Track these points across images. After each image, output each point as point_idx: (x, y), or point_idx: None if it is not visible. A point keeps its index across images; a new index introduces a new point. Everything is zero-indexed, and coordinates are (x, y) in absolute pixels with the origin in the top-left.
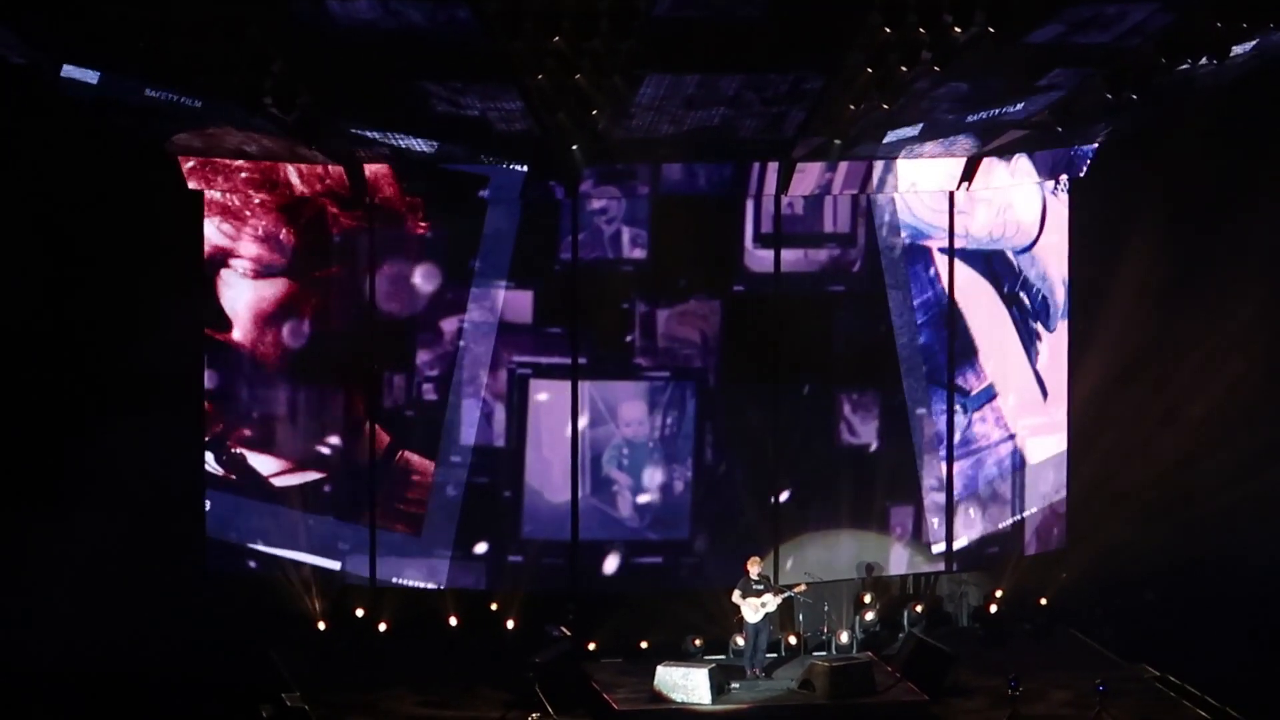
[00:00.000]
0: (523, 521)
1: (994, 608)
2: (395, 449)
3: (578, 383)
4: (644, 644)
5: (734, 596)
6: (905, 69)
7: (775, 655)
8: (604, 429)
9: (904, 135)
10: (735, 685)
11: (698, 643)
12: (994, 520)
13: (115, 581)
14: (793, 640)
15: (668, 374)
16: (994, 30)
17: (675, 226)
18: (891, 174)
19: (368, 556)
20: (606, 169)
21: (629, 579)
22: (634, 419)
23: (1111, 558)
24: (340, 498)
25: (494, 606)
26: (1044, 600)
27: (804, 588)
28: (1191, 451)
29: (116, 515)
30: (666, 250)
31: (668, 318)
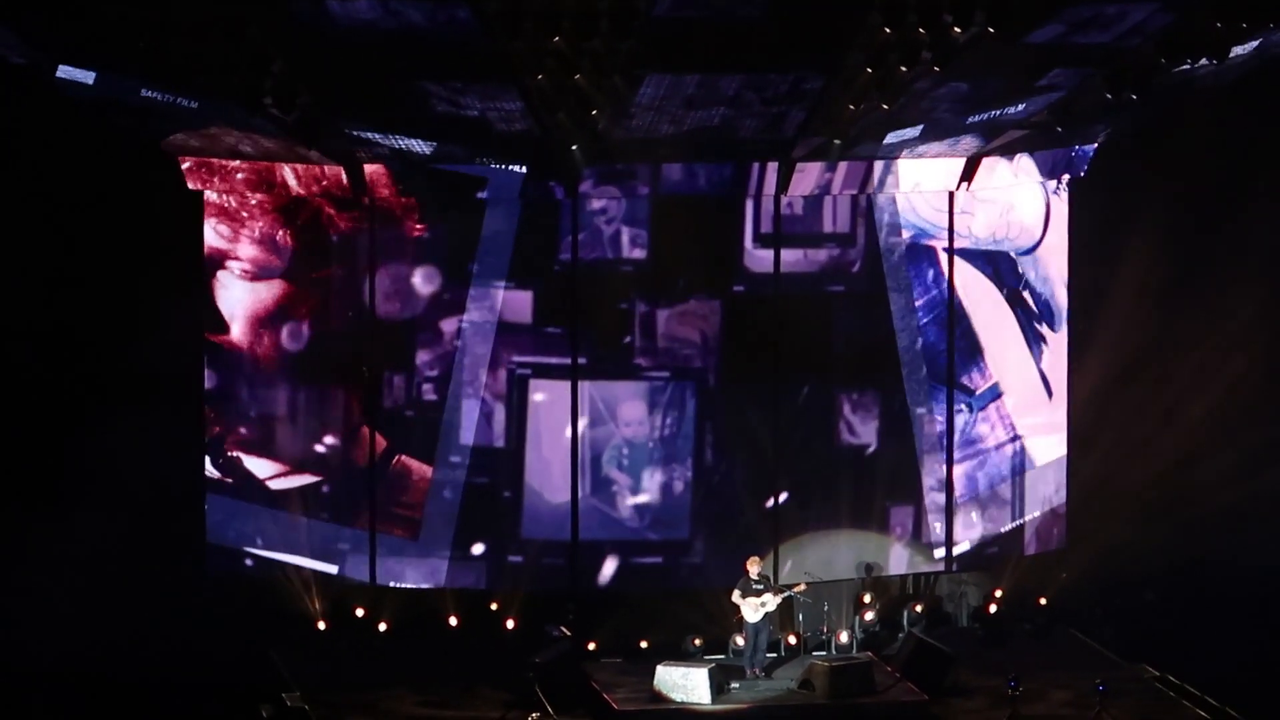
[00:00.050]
0: (522, 522)
1: (994, 608)
2: (392, 453)
3: (577, 383)
4: (644, 644)
5: (734, 596)
6: (905, 69)
7: (775, 655)
8: (604, 429)
9: (904, 136)
10: (735, 685)
11: (697, 642)
12: (997, 522)
13: (115, 581)
14: (792, 640)
15: (667, 374)
16: (994, 30)
17: (675, 226)
18: (891, 174)
19: (365, 559)
20: (606, 169)
21: (629, 579)
22: (634, 419)
23: (1111, 558)
24: (337, 501)
25: (494, 606)
26: (1044, 600)
27: (804, 587)
28: (1191, 451)
29: (116, 515)
30: (666, 250)
31: (668, 318)
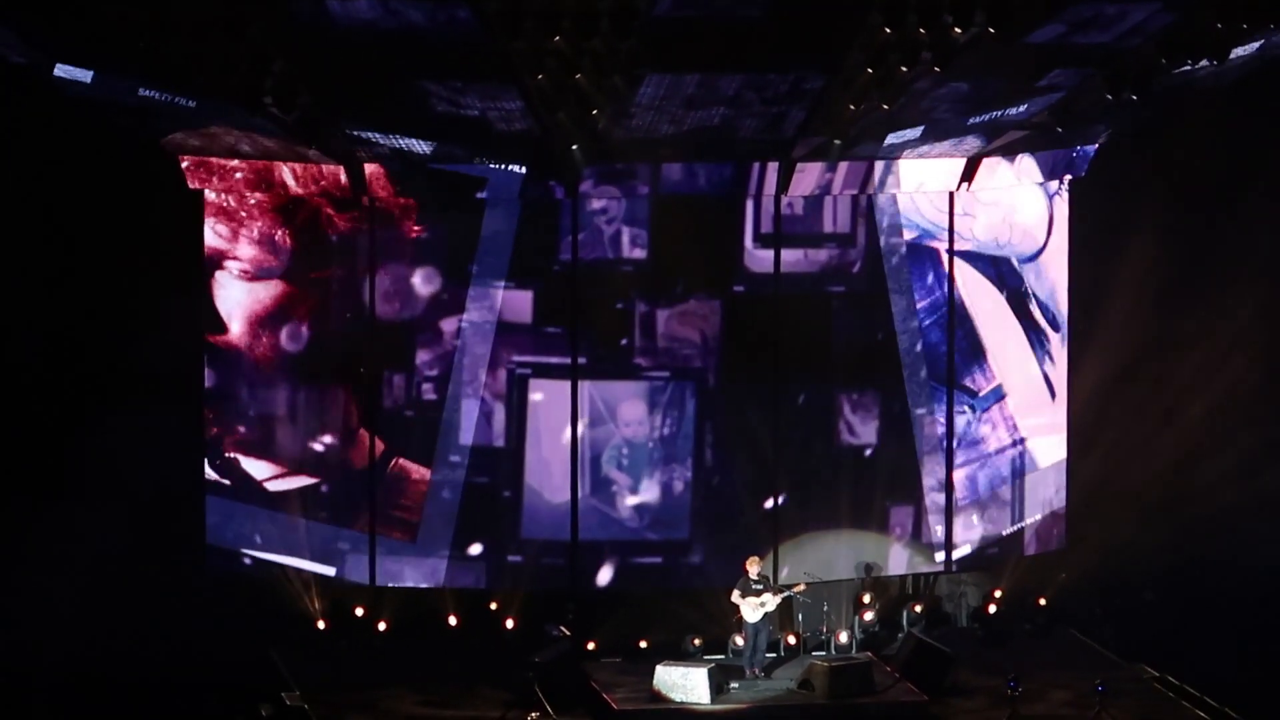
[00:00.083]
0: (522, 522)
1: (993, 608)
2: (390, 456)
3: (577, 382)
4: (643, 644)
5: (733, 596)
6: (905, 69)
7: (775, 655)
8: (603, 429)
9: (905, 137)
10: (734, 685)
11: (697, 642)
12: (999, 525)
13: (115, 581)
14: (792, 640)
15: (667, 374)
16: (994, 30)
17: (675, 226)
18: (892, 174)
19: (363, 562)
20: (606, 169)
21: (629, 579)
22: (634, 419)
23: (1111, 558)
24: (334, 503)
25: (494, 606)
26: (1043, 600)
27: (803, 587)
28: (1191, 451)
29: (116, 515)
30: (666, 250)
31: (668, 318)
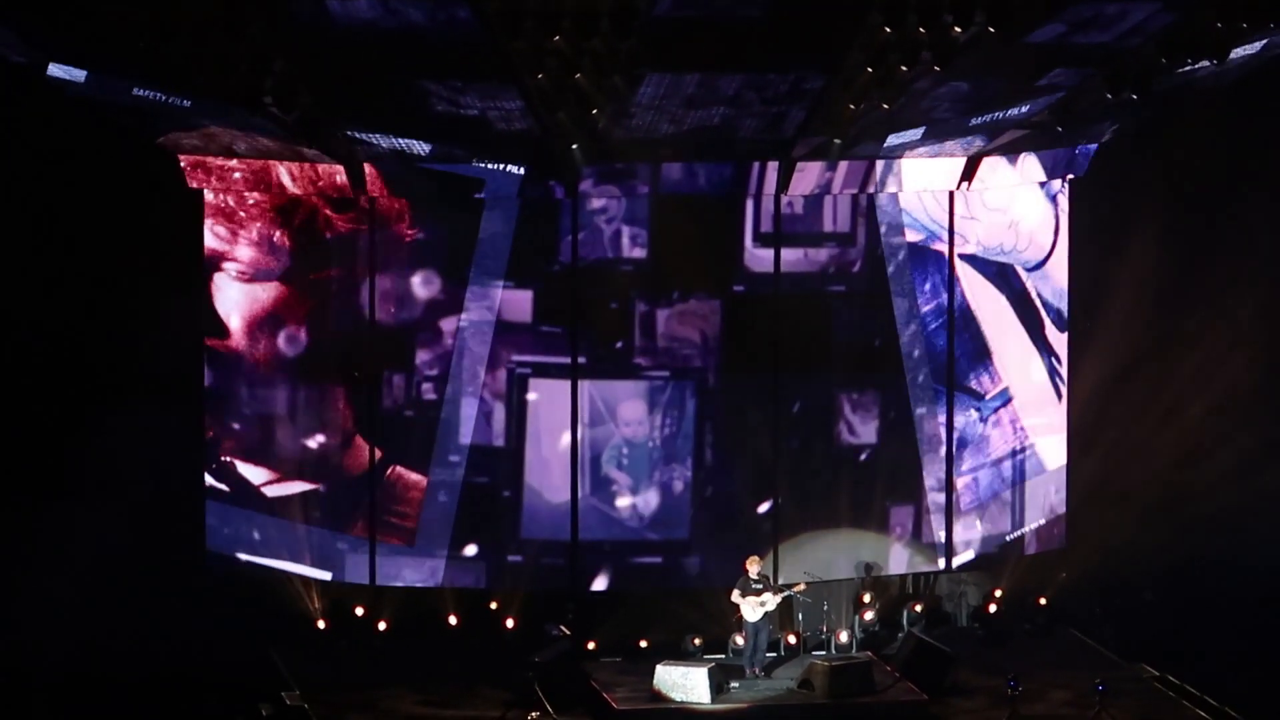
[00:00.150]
0: (522, 521)
1: (993, 607)
2: (387, 462)
3: (577, 382)
4: (643, 643)
5: (733, 596)
6: (905, 69)
7: (775, 654)
8: (603, 429)
9: (906, 139)
10: (735, 684)
11: (697, 642)
12: (1003, 527)
13: (115, 581)
14: (792, 639)
15: (667, 374)
16: (994, 30)
17: (675, 226)
18: (892, 173)
19: (360, 562)
20: (606, 168)
21: (629, 579)
22: (633, 419)
23: (1111, 558)
24: (331, 507)
25: (494, 606)
26: (1043, 600)
27: (803, 587)
28: (1191, 451)
29: (117, 515)
30: (666, 250)
31: (667, 317)
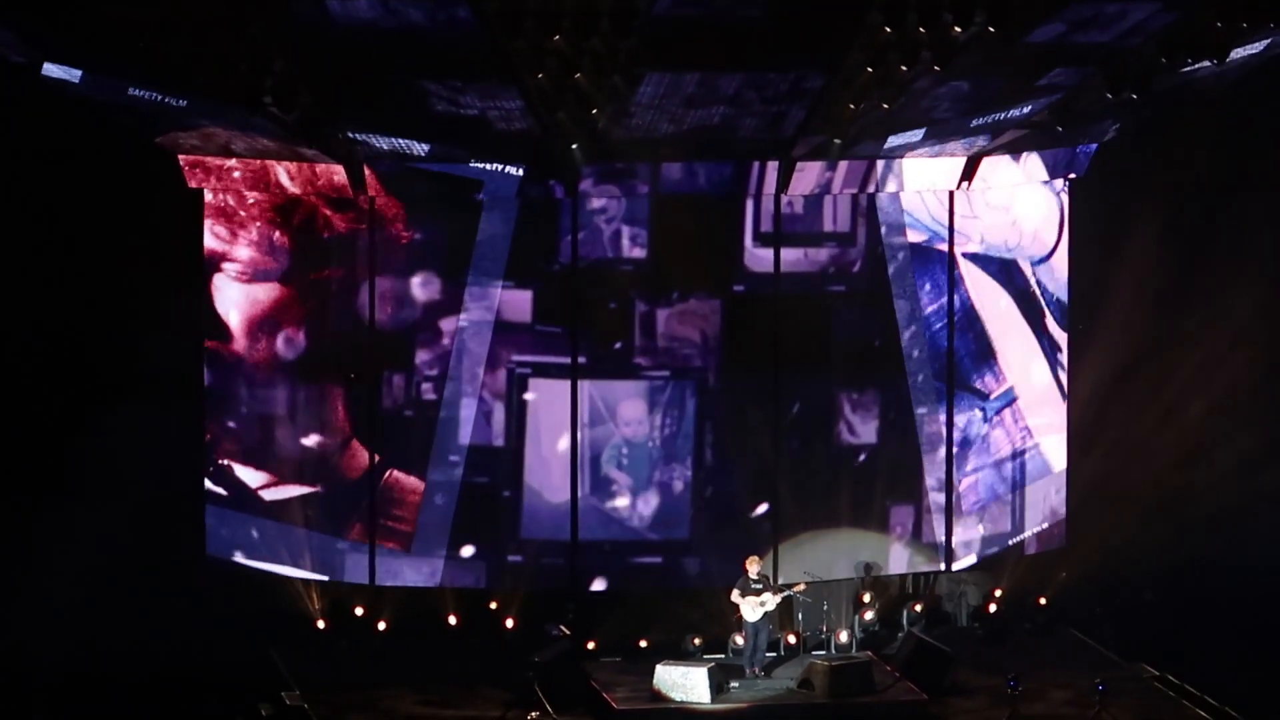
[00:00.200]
0: (522, 521)
1: (993, 607)
2: (385, 466)
3: (577, 382)
4: (643, 643)
5: (733, 595)
6: (905, 68)
7: (775, 654)
8: (603, 428)
9: (906, 140)
10: (734, 684)
11: (697, 642)
12: (1005, 528)
13: (115, 581)
14: (792, 639)
15: (667, 373)
16: (994, 29)
17: (675, 226)
18: (892, 173)
19: (359, 562)
20: (606, 168)
21: (629, 579)
22: (633, 418)
23: (1111, 557)
24: (329, 511)
25: (494, 606)
26: (1043, 600)
27: (803, 587)
28: (1191, 451)
29: (116, 515)
30: (666, 249)
31: (667, 317)
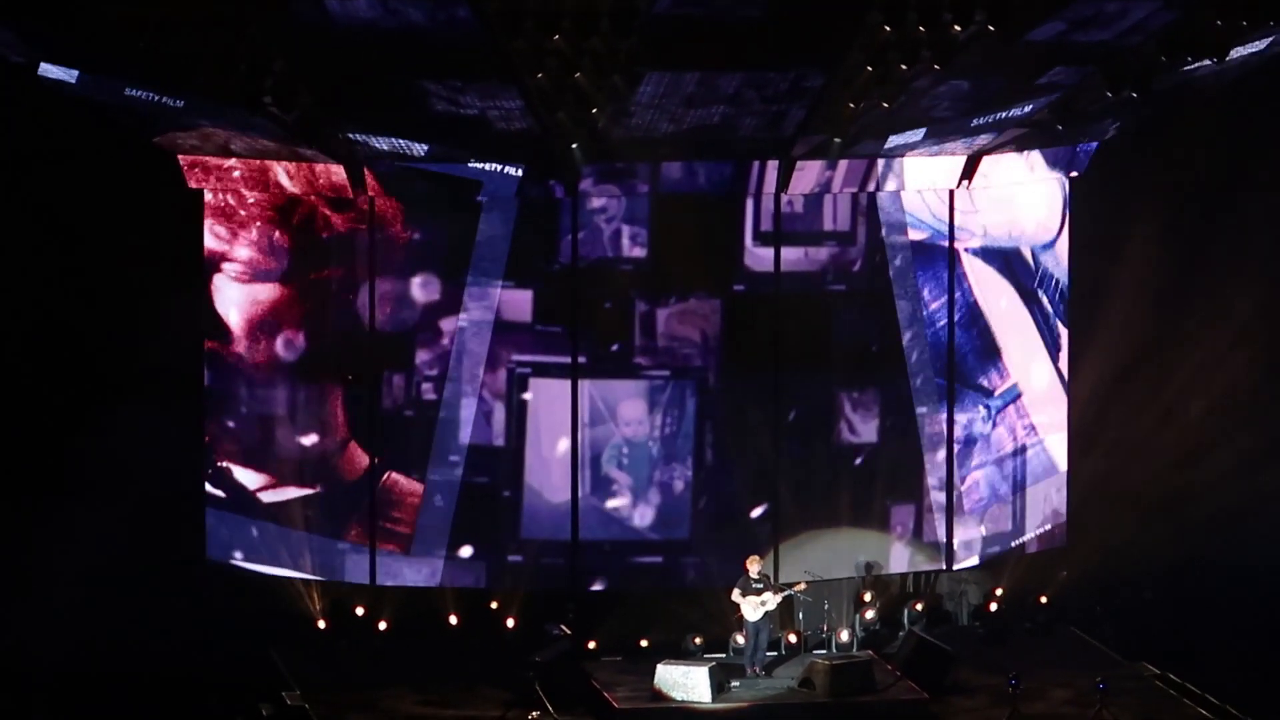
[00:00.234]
0: (522, 521)
1: (994, 606)
2: (383, 469)
3: (577, 382)
4: (644, 642)
5: (734, 595)
6: (905, 67)
7: (775, 654)
8: (603, 428)
9: (907, 140)
10: (735, 684)
11: (698, 641)
12: (1007, 528)
13: (116, 581)
14: (793, 638)
15: (668, 373)
16: (994, 28)
17: (675, 225)
18: (892, 172)
19: (359, 563)
20: (606, 167)
21: (629, 579)
22: (634, 418)
23: (1111, 556)
24: (327, 512)
25: (494, 606)
26: (1044, 599)
27: (804, 586)
28: (1191, 451)
29: (117, 515)
30: (666, 249)
31: (668, 317)
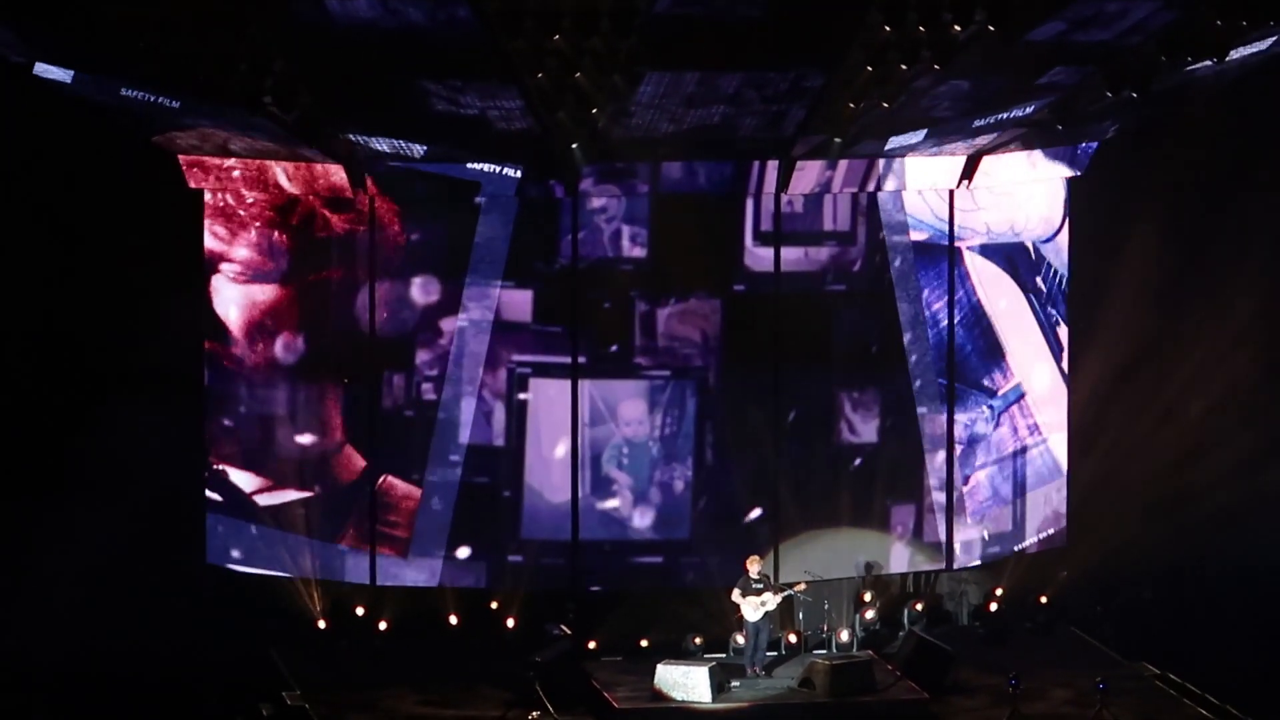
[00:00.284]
0: (522, 521)
1: (994, 606)
2: (384, 468)
3: (577, 382)
4: (644, 642)
5: (734, 595)
6: (905, 67)
7: (775, 653)
8: (604, 428)
9: (907, 141)
10: (735, 683)
11: (698, 641)
12: (1011, 528)
13: (115, 581)
14: (793, 638)
15: (668, 373)
16: (994, 28)
17: (675, 225)
18: (892, 172)
19: (359, 563)
20: (606, 167)
21: (629, 579)
22: (634, 418)
23: (1111, 556)
24: (324, 514)
25: (494, 606)
26: (1044, 598)
27: (804, 586)
28: (1191, 451)
29: (117, 515)
30: (666, 249)
31: (668, 316)
